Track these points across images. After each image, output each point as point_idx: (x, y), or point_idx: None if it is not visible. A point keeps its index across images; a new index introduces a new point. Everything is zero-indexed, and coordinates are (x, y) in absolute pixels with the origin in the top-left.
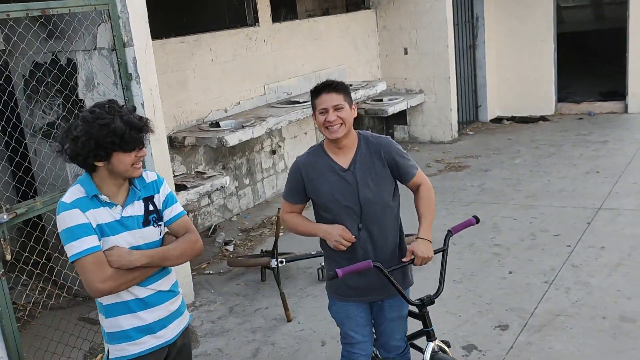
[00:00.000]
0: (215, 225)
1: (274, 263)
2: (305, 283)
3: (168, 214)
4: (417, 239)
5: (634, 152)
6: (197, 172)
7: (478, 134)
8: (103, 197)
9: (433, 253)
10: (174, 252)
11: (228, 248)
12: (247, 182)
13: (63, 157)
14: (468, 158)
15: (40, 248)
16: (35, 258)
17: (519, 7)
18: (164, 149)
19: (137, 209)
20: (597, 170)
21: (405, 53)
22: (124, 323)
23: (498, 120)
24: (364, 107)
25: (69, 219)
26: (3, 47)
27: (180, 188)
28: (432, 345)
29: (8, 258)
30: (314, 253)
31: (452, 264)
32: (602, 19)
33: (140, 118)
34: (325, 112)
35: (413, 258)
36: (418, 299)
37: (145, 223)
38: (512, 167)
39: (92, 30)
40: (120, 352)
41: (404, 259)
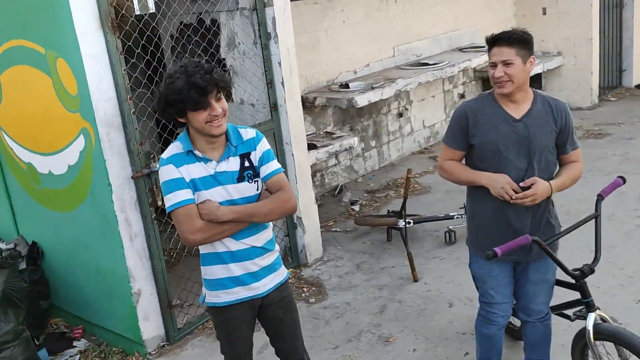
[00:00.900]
0: (342, 186)
1: (402, 223)
2: (432, 245)
3: (264, 171)
4: (547, 181)
5: None
6: (326, 132)
7: (621, 100)
8: (197, 152)
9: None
10: (262, 209)
11: (354, 208)
12: (373, 144)
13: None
14: (609, 125)
15: None
16: None
17: None
18: (298, 108)
19: (232, 165)
20: None
21: (544, 13)
22: (219, 272)
23: None
24: None
25: (165, 174)
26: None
27: (310, 147)
28: (593, 316)
29: (160, 204)
30: (442, 216)
31: (591, 234)
32: None
33: (209, 79)
34: (494, 66)
35: (529, 186)
36: (577, 269)
37: (240, 179)
38: None
39: None
40: (215, 298)
41: (522, 183)
